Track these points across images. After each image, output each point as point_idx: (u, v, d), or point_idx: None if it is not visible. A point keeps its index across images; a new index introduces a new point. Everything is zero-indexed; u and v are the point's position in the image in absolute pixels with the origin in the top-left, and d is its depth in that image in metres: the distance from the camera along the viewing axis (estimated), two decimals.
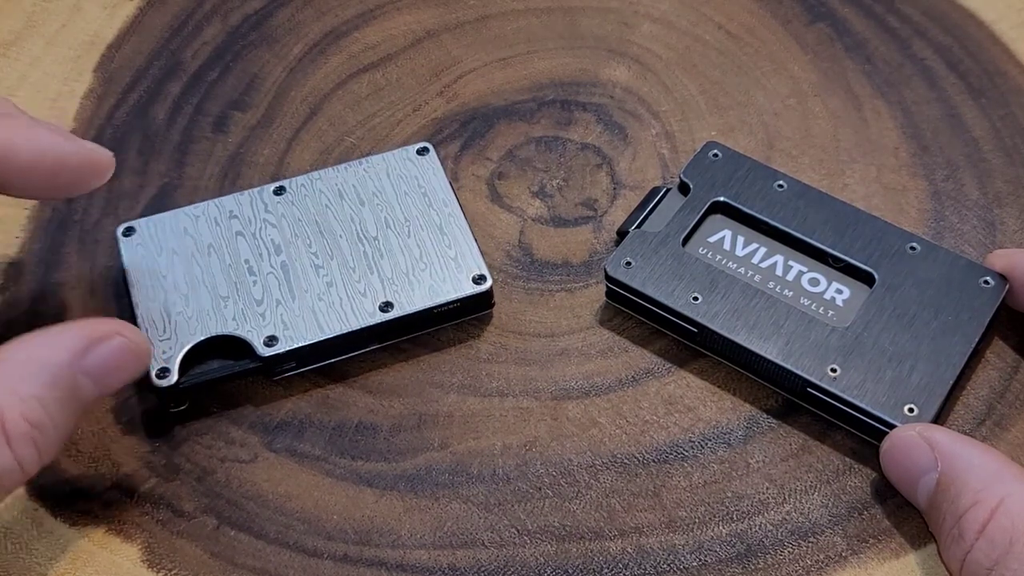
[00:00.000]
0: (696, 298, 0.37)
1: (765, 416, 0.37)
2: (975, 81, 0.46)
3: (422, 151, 0.42)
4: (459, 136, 0.45)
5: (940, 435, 0.33)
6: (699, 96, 0.46)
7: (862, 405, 0.35)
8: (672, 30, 0.48)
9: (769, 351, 0.36)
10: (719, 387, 0.38)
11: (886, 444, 0.34)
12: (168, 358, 0.36)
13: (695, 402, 0.38)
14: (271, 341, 0.37)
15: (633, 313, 0.39)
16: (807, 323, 0.37)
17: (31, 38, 0.48)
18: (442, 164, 0.42)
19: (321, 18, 0.49)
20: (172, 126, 0.45)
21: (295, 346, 0.37)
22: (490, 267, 0.39)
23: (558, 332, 0.39)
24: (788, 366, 0.36)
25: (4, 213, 0.42)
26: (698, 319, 0.37)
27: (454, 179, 0.43)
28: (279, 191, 0.41)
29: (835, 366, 0.36)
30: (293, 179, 0.41)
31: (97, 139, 0.44)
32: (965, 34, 0.47)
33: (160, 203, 0.43)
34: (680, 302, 0.37)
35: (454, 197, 0.41)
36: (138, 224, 0.40)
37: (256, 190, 0.41)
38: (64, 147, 0.35)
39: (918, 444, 0.33)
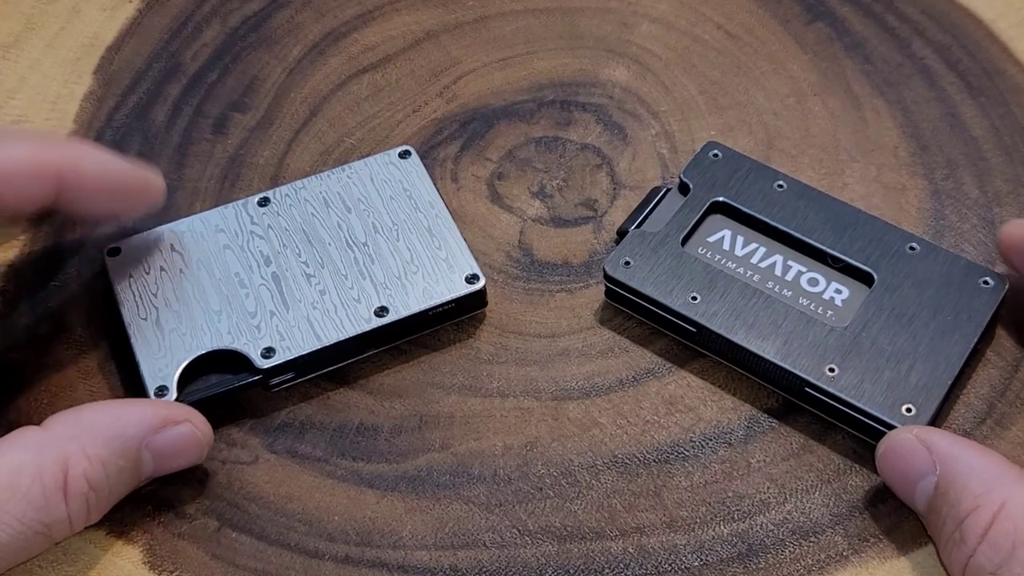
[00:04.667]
0: (695, 298, 0.38)
1: (766, 416, 0.37)
2: (974, 80, 0.46)
3: (404, 154, 0.42)
4: (459, 137, 0.45)
5: (937, 438, 0.33)
6: (698, 96, 0.46)
7: (860, 405, 0.35)
8: (671, 30, 0.48)
9: (767, 351, 0.36)
10: (720, 387, 0.38)
11: (882, 447, 0.34)
12: (165, 376, 0.36)
13: (696, 402, 0.38)
14: (268, 352, 0.37)
15: (632, 313, 0.39)
16: (805, 323, 0.37)
17: (30, 40, 0.48)
18: (442, 165, 0.42)
19: (320, 19, 0.49)
20: (172, 128, 0.45)
21: (293, 356, 0.37)
22: (490, 267, 0.39)
23: (558, 332, 0.39)
24: (786, 366, 0.36)
25: None
26: (696, 318, 0.37)
27: (454, 180, 0.43)
28: (263, 202, 0.41)
29: (833, 366, 0.36)
30: (276, 189, 0.41)
31: (97, 141, 0.44)
32: (964, 33, 0.47)
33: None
34: (679, 302, 0.37)
35: (439, 198, 0.41)
36: (123, 244, 0.40)
37: (240, 202, 0.41)
38: (123, 167, 0.37)
39: (915, 447, 0.33)
